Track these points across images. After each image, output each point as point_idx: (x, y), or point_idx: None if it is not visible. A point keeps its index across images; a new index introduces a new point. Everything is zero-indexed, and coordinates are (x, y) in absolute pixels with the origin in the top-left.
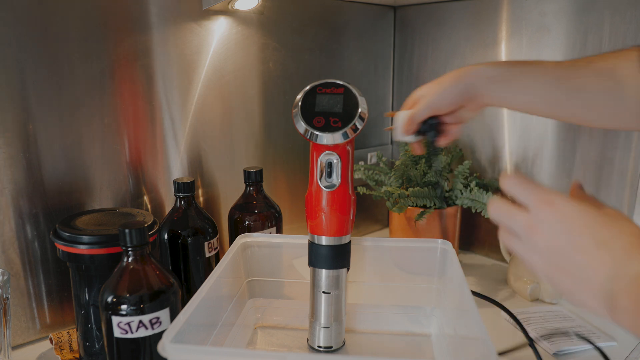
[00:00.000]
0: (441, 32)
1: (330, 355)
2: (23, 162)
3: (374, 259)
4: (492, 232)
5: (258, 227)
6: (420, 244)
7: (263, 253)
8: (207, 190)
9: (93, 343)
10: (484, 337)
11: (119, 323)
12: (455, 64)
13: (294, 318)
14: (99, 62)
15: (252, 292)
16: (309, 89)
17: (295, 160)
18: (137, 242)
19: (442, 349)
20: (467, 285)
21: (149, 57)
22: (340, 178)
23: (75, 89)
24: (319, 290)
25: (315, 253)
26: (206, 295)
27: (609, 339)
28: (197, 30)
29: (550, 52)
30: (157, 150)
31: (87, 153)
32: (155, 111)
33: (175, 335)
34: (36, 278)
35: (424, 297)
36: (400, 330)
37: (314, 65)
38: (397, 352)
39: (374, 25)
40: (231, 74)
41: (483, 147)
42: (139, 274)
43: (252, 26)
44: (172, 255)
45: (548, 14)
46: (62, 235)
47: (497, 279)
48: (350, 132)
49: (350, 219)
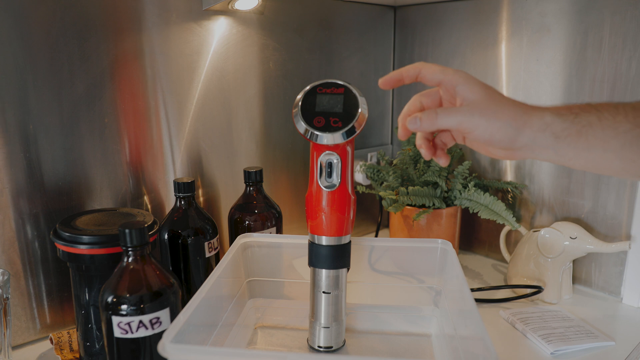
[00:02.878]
0: (441, 32)
1: (330, 355)
2: (23, 162)
3: (373, 259)
4: (492, 232)
5: (258, 227)
6: (420, 244)
7: (263, 253)
8: (207, 190)
9: (93, 343)
10: (484, 337)
11: (119, 323)
12: (455, 64)
13: (294, 318)
14: (99, 62)
15: (252, 292)
16: (309, 89)
17: (295, 160)
18: (137, 242)
19: (442, 349)
20: (467, 285)
21: (149, 57)
22: (340, 178)
23: (75, 89)
24: (319, 290)
25: (316, 253)
26: (206, 295)
27: (608, 339)
28: (197, 30)
29: (550, 52)
30: (157, 150)
31: (87, 153)
32: (156, 111)
33: (175, 335)
34: (36, 278)
35: (424, 297)
36: (400, 330)
37: (314, 65)
38: (397, 352)
39: (374, 25)
40: (231, 74)
41: None
42: (139, 274)
43: (252, 26)
44: (172, 255)
45: (548, 14)
46: (62, 235)
47: (497, 279)
48: (351, 132)
49: (350, 219)
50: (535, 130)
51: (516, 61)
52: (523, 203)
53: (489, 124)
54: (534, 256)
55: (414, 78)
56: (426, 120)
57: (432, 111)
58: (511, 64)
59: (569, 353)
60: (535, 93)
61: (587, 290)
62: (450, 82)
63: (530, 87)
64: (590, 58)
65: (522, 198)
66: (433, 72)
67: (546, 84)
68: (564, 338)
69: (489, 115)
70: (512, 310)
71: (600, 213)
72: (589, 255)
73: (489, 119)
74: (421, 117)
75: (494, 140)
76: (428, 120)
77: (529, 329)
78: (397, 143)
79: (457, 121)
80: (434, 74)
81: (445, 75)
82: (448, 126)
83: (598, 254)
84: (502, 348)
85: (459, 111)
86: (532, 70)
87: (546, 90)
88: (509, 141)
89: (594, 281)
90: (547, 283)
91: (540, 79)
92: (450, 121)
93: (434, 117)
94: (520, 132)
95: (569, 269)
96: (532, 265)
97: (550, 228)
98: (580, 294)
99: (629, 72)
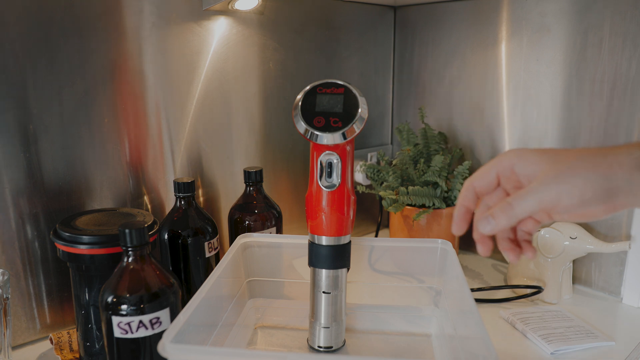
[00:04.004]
0: (441, 32)
1: (330, 355)
2: (23, 162)
3: (373, 259)
4: None
5: (258, 227)
6: (420, 244)
7: (263, 253)
8: (207, 190)
9: (93, 343)
10: (484, 337)
11: (119, 323)
12: (455, 64)
13: (294, 318)
14: (99, 62)
15: (252, 292)
16: (309, 89)
17: (295, 160)
18: (137, 242)
19: (442, 349)
20: (467, 285)
21: (149, 57)
22: (340, 178)
23: (75, 89)
24: (319, 290)
25: (315, 253)
26: (206, 295)
27: (608, 339)
28: (197, 30)
29: (550, 52)
30: (157, 150)
31: (87, 153)
32: (156, 111)
33: (175, 335)
34: (36, 278)
35: (424, 297)
36: (400, 330)
37: (314, 65)
38: (397, 352)
39: (374, 26)
40: (231, 74)
41: (483, 147)
42: (139, 274)
43: (252, 26)
44: (172, 255)
45: (548, 14)
46: (62, 235)
47: (497, 279)
48: (351, 132)
49: (350, 219)
50: (628, 169)
51: (516, 61)
52: None
53: (571, 186)
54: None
55: (474, 196)
56: (501, 215)
57: (505, 203)
58: (511, 64)
59: (569, 353)
60: (535, 93)
61: (587, 290)
62: (505, 167)
63: (530, 87)
64: (590, 58)
65: None
66: (483, 173)
67: (546, 84)
68: (564, 338)
69: (566, 177)
70: (512, 310)
71: None
72: (589, 255)
73: (568, 181)
74: (494, 214)
75: (585, 200)
76: (504, 216)
77: (529, 329)
78: (397, 143)
79: (536, 201)
80: (485, 173)
81: (497, 165)
82: (529, 212)
83: (598, 254)
84: (502, 348)
85: (533, 190)
86: (532, 70)
87: (546, 90)
88: (603, 193)
89: (594, 281)
90: (547, 283)
91: (540, 79)
92: (529, 205)
93: (509, 209)
94: (611, 178)
95: (569, 269)
96: (532, 265)
97: (550, 228)
98: (580, 294)
99: (629, 72)
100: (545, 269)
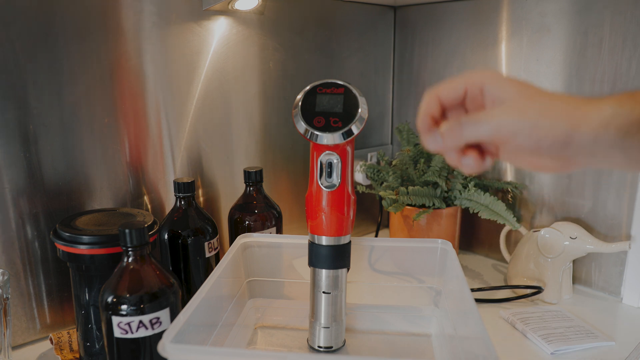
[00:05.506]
0: (441, 32)
1: (330, 355)
2: (23, 162)
3: (373, 259)
4: (492, 232)
5: (258, 227)
6: (420, 244)
7: (263, 253)
8: (207, 190)
9: (93, 343)
10: (484, 337)
11: (119, 323)
12: (455, 64)
13: (294, 318)
14: (99, 62)
15: (252, 292)
16: (309, 89)
17: (295, 160)
18: (137, 242)
19: (442, 349)
20: (467, 285)
21: (149, 57)
22: (340, 178)
23: (75, 89)
24: (319, 290)
25: (315, 253)
26: (206, 295)
27: (608, 339)
28: (197, 30)
29: (550, 52)
30: (157, 150)
31: (87, 153)
32: (155, 111)
33: (175, 336)
34: (36, 278)
35: (424, 297)
36: (400, 330)
37: (314, 65)
38: (397, 352)
39: (373, 26)
40: (231, 74)
41: None
42: (139, 274)
43: (252, 26)
44: (172, 255)
45: (548, 14)
46: (62, 235)
47: (497, 279)
48: (350, 132)
49: (350, 219)
50: (596, 126)
51: (516, 61)
52: (523, 203)
53: (533, 125)
54: (534, 256)
55: (438, 107)
56: (450, 136)
57: (455, 123)
58: (511, 64)
59: (569, 353)
60: None
61: (587, 290)
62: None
63: None
64: (590, 58)
65: (522, 198)
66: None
67: (546, 84)
68: (564, 338)
69: (532, 115)
70: (512, 310)
71: (600, 213)
72: (589, 255)
73: (532, 120)
74: (443, 133)
75: (542, 147)
76: (452, 136)
77: (529, 329)
78: (397, 143)
79: (490, 128)
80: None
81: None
82: (479, 138)
83: (598, 254)
84: (502, 348)
85: (492, 115)
86: (532, 70)
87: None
88: (562, 145)
89: (594, 281)
90: (547, 283)
91: (540, 79)
92: (481, 130)
93: (459, 131)
94: (576, 131)
95: (569, 269)
96: (532, 266)
97: (550, 228)
98: (580, 294)
99: (629, 72)
100: (545, 269)
